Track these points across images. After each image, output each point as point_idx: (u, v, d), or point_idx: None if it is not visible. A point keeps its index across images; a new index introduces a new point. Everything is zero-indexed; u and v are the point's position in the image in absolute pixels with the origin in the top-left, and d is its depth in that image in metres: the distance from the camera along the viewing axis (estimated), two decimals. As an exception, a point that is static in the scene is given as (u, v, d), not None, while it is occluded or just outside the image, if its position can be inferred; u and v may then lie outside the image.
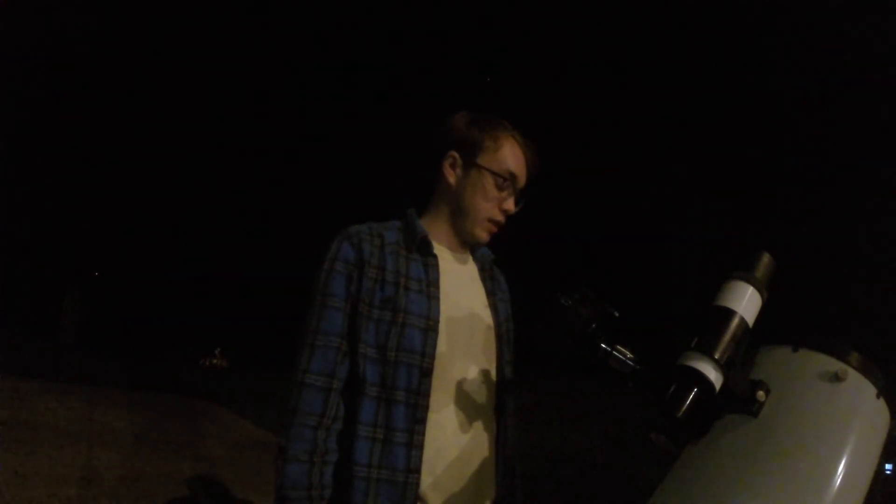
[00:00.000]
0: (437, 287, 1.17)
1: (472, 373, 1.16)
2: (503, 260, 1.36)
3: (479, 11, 11.62)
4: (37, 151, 11.99)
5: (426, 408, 1.09)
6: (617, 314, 0.88)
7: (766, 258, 0.83)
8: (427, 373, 1.10)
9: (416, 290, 1.14)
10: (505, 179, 1.21)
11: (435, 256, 1.20)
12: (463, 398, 1.14)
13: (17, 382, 5.01)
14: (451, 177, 1.24)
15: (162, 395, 6.29)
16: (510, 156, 1.22)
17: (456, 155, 1.23)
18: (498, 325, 1.25)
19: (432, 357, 1.11)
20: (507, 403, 1.22)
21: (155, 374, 8.29)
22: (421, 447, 1.07)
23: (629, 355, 0.83)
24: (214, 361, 11.61)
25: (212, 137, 13.85)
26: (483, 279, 1.29)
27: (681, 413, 0.72)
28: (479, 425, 1.15)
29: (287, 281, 13.10)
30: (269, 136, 14.21)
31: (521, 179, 1.24)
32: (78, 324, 10.92)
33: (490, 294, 1.27)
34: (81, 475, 3.68)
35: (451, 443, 1.11)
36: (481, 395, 1.16)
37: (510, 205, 1.23)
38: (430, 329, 1.12)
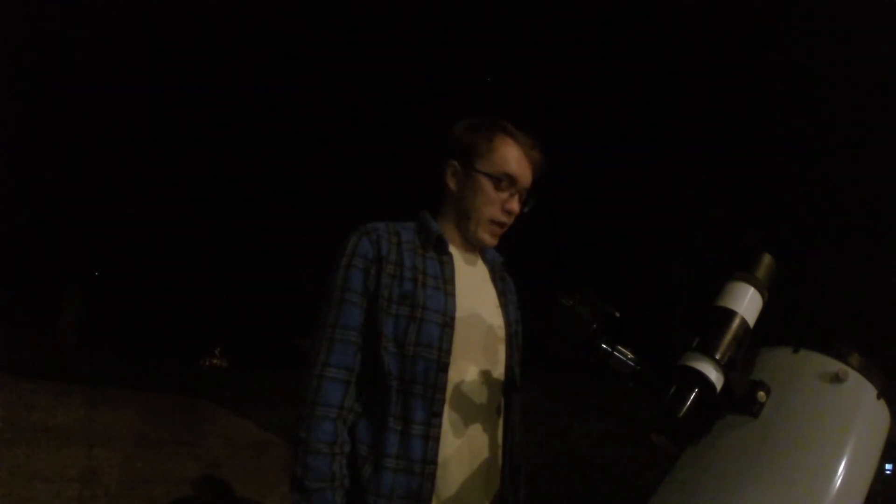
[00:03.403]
0: (453, 284, 1.18)
1: (482, 370, 1.18)
2: (513, 261, 1.37)
3: (492, 13, 11.63)
4: (37, 151, 11.99)
5: (442, 401, 1.10)
6: (618, 314, 0.88)
7: (767, 259, 0.83)
8: (443, 367, 1.11)
9: (433, 287, 1.15)
10: (501, 181, 1.21)
11: (450, 255, 1.22)
12: (472, 394, 1.15)
13: (17, 382, 5.01)
14: (453, 184, 1.26)
15: (162, 394, 6.27)
16: (508, 156, 1.22)
17: (455, 163, 1.25)
18: (507, 325, 1.26)
19: (448, 352, 1.12)
20: (514, 402, 1.22)
21: (155, 374, 8.28)
22: (437, 439, 1.08)
23: (630, 356, 0.83)
24: (214, 361, 11.63)
25: (214, 138, 13.85)
26: (493, 280, 1.31)
27: (682, 413, 0.72)
28: (486, 422, 1.16)
29: (287, 282, 13.10)
30: (271, 137, 14.20)
31: (523, 179, 1.24)
32: (78, 324, 10.91)
33: (500, 295, 1.29)
34: (81, 475, 3.68)
35: (460, 437, 1.11)
36: (489, 393, 1.17)
37: (513, 205, 1.23)
38: (447, 325, 1.13)
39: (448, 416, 1.10)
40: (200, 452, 4.72)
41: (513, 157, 1.22)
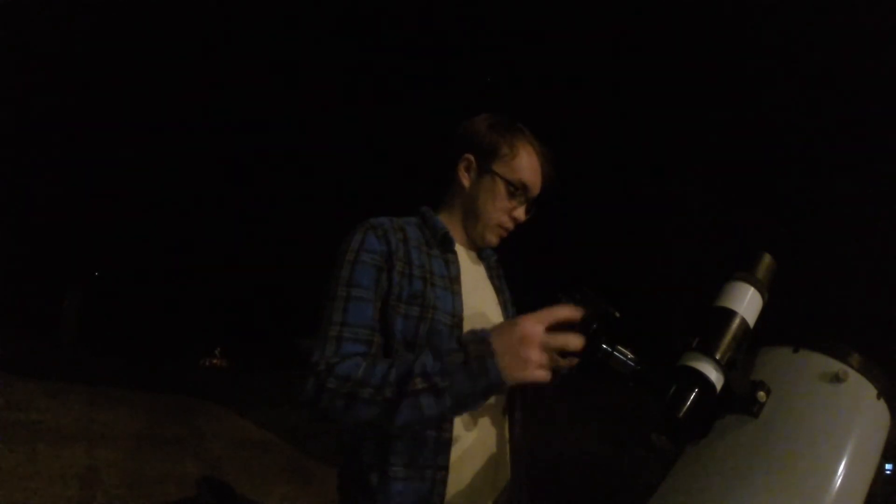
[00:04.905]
0: (459, 283, 1.16)
1: None
2: (510, 263, 1.37)
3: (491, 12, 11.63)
4: (37, 151, 11.98)
5: None
6: (618, 314, 0.88)
7: (766, 259, 0.83)
8: None
9: (441, 287, 1.12)
10: (517, 188, 1.20)
11: (455, 253, 1.20)
12: None
13: (17, 382, 5.02)
14: (466, 179, 1.23)
15: (162, 394, 6.29)
16: (526, 165, 1.21)
17: (471, 158, 1.22)
18: None
19: None
20: (516, 401, 1.21)
21: (155, 374, 8.30)
22: (448, 443, 1.04)
23: (630, 356, 0.83)
24: (214, 361, 11.62)
25: (213, 138, 13.84)
26: (491, 277, 1.29)
27: (682, 414, 0.72)
28: (493, 423, 1.14)
29: (287, 282, 13.11)
30: (270, 137, 14.19)
31: (534, 190, 1.23)
32: (78, 324, 10.92)
33: (499, 293, 1.28)
34: (81, 475, 3.68)
35: (469, 439, 1.09)
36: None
37: (520, 213, 1.23)
38: (456, 326, 1.10)
39: (457, 419, 1.07)
40: (200, 452, 4.73)
41: (531, 166, 1.21)
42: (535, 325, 0.84)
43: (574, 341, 0.84)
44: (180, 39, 12.56)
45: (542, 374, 0.84)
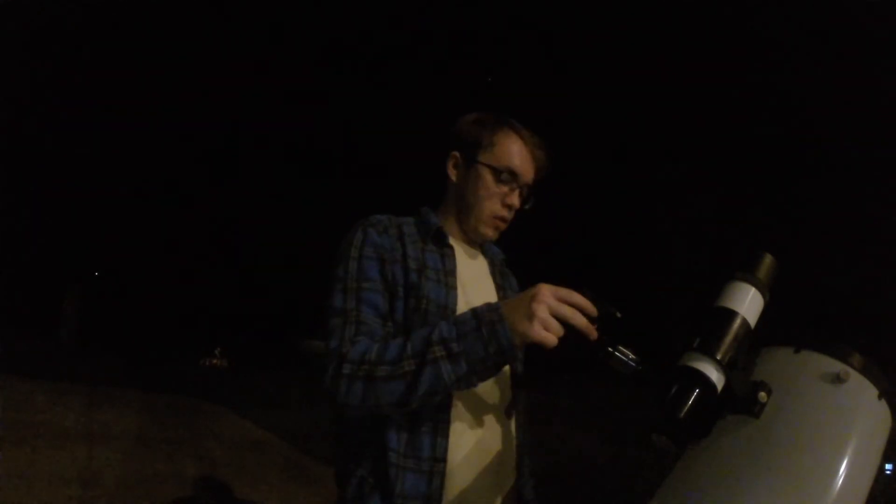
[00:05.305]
0: (455, 277, 1.17)
1: None
2: (513, 261, 1.37)
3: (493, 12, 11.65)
4: (37, 151, 11.99)
5: (449, 395, 1.05)
6: (619, 314, 0.88)
7: (767, 259, 0.83)
8: None
9: (433, 280, 1.13)
10: (502, 173, 1.20)
11: (451, 247, 1.21)
12: (479, 391, 1.11)
13: (17, 382, 5.02)
14: (454, 176, 1.25)
15: (162, 394, 6.29)
16: (510, 151, 1.21)
17: (457, 154, 1.24)
18: None
19: None
20: (520, 399, 1.21)
21: (155, 373, 8.29)
22: (446, 436, 1.04)
23: (631, 356, 0.83)
24: (214, 361, 11.59)
25: (213, 137, 13.85)
26: (493, 274, 1.30)
27: (683, 414, 0.71)
28: (496, 419, 1.14)
29: (287, 282, 13.11)
30: (270, 136, 14.20)
31: (525, 175, 1.23)
32: (78, 324, 10.91)
33: (500, 289, 1.27)
34: (81, 475, 3.69)
35: (469, 435, 1.09)
36: (495, 389, 1.15)
37: (513, 199, 1.22)
38: (448, 318, 1.09)
39: (456, 414, 1.07)
40: (200, 452, 4.73)
41: (515, 151, 1.21)
42: (549, 289, 0.86)
43: (580, 318, 0.85)
44: (180, 39, 12.57)
45: (546, 335, 0.85)
